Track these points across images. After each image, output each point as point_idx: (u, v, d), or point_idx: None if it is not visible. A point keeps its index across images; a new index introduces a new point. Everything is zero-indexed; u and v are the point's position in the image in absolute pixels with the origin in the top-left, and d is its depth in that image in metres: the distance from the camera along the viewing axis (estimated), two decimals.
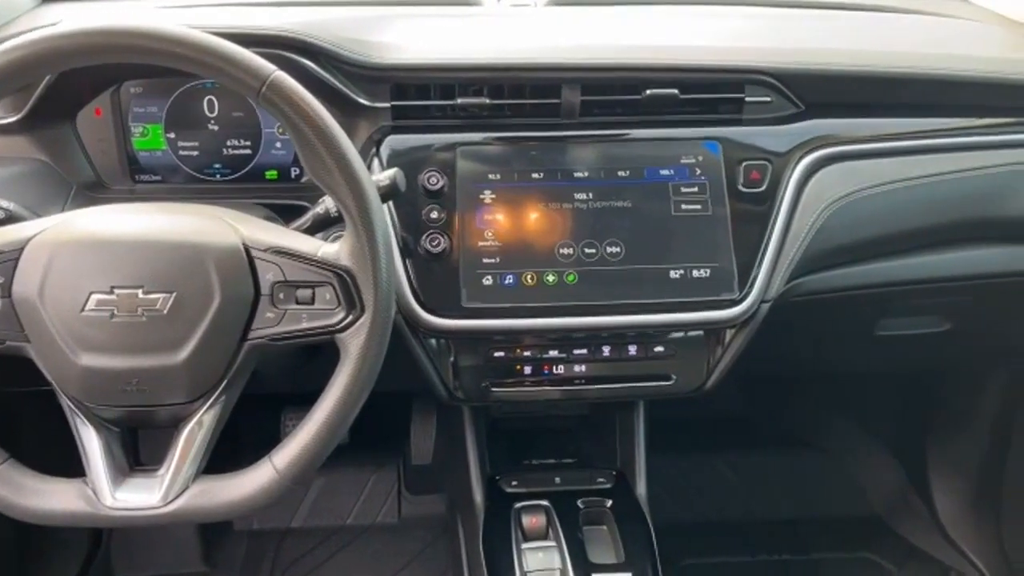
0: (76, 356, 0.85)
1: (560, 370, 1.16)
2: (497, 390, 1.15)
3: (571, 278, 1.10)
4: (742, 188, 1.15)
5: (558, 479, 1.30)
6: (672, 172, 1.15)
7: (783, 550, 1.90)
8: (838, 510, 2.00)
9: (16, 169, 1.13)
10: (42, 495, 0.89)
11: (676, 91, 1.16)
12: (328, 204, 1.01)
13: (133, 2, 1.38)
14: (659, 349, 1.16)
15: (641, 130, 1.17)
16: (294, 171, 1.23)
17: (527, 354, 1.15)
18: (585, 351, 1.15)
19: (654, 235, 1.12)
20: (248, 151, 1.22)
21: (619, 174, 1.14)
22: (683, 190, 1.14)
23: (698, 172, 1.15)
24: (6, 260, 0.86)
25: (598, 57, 1.18)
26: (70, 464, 0.91)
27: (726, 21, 1.41)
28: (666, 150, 1.16)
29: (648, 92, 1.16)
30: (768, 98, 1.20)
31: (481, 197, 1.12)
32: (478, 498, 1.29)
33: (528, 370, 1.15)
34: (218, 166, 1.22)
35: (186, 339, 0.86)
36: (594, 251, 1.11)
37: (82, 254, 0.85)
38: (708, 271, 1.12)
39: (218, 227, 0.89)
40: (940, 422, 1.92)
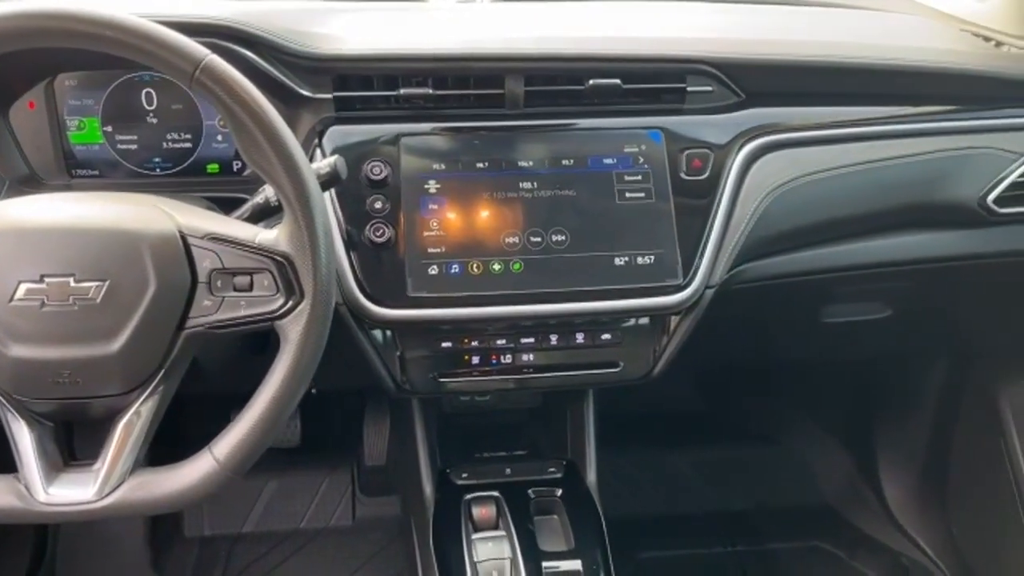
0: (5, 347, 0.83)
1: (508, 359, 1.16)
2: (446, 380, 1.15)
3: (517, 267, 1.10)
4: (685, 176, 1.16)
5: (508, 470, 1.30)
6: (615, 161, 1.15)
7: (737, 541, 1.92)
8: (790, 500, 2.02)
9: None
10: None
11: (619, 81, 1.17)
12: (268, 193, 1.00)
13: None
14: (606, 337, 1.17)
15: (585, 120, 1.18)
16: (236, 164, 1.22)
17: (475, 344, 1.14)
18: (533, 340, 1.15)
19: (599, 223, 1.13)
20: (189, 144, 1.20)
21: (563, 163, 1.15)
22: (627, 179, 1.15)
23: (641, 161, 1.16)
24: None
25: (541, 48, 1.18)
26: (2, 460, 0.88)
27: (668, 15, 1.43)
28: (609, 140, 1.17)
29: (591, 82, 1.17)
30: (709, 88, 1.21)
31: (426, 187, 1.11)
32: (428, 490, 1.28)
33: (476, 360, 1.15)
34: (158, 160, 1.20)
35: (120, 328, 0.84)
36: (540, 239, 1.11)
37: (10, 242, 0.83)
38: (652, 258, 1.13)
39: (153, 214, 0.88)
40: (887, 411, 1.96)
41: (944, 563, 1.83)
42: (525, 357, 1.16)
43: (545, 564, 1.14)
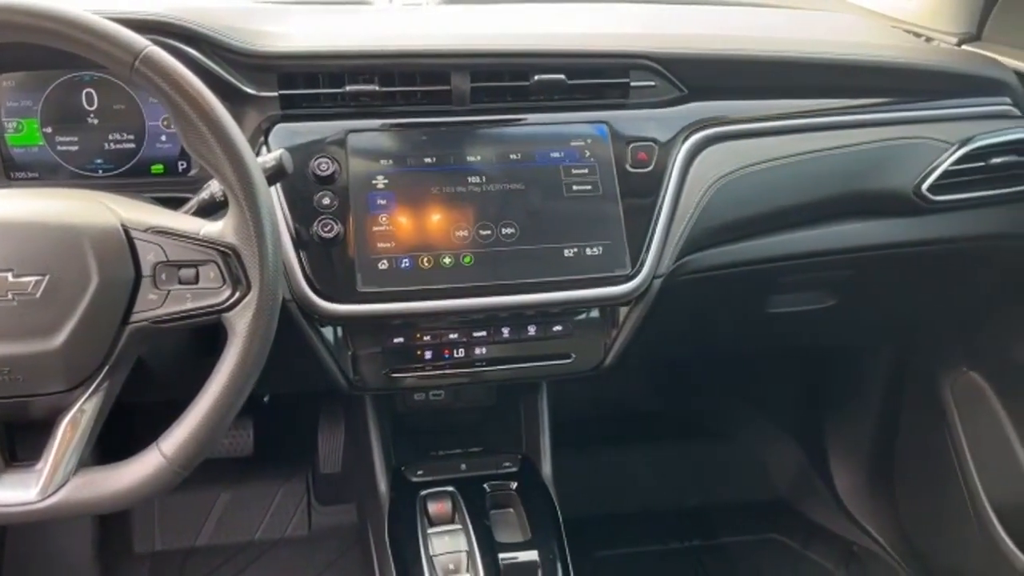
0: None
1: (461, 353, 1.16)
2: (399, 376, 1.15)
3: (467, 260, 1.11)
4: (630, 169, 1.18)
5: (464, 466, 1.29)
6: (562, 155, 1.17)
7: (693, 537, 1.93)
8: (744, 494, 2.05)
9: None
10: None
11: (563, 77, 1.19)
12: (213, 189, 0.99)
13: None
14: (558, 328, 1.18)
15: (531, 115, 1.19)
16: (181, 164, 1.20)
17: (427, 339, 1.14)
18: (485, 333, 1.16)
19: (547, 216, 1.14)
20: (132, 145, 1.19)
21: (511, 157, 1.16)
22: (574, 172, 1.16)
23: (587, 155, 1.17)
24: None
25: (486, 44, 1.20)
26: None
27: (612, 14, 1.46)
28: (556, 134, 1.18)
29: (536, 78, 1.18)
30: (652, 83, 1.23)
31: (374, 183, 1.11)
32: (383, 488, 1.27)
33: (429, 355, 1.15)
34: (100, 161, 1.18)
35: (62, 323, 0.82)
36: (489, 232, 1.12)
37: None
38: (601, 249, 1.14)
39: (94, 208, 0.86)
40: (835, 403, 2.00)
41: (894, 549, 1.87)
42: (478, 351, 1.16)
43: (502, 556, 1.14)
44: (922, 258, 1.41)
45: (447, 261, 1.10)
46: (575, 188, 1.16)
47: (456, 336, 1.15)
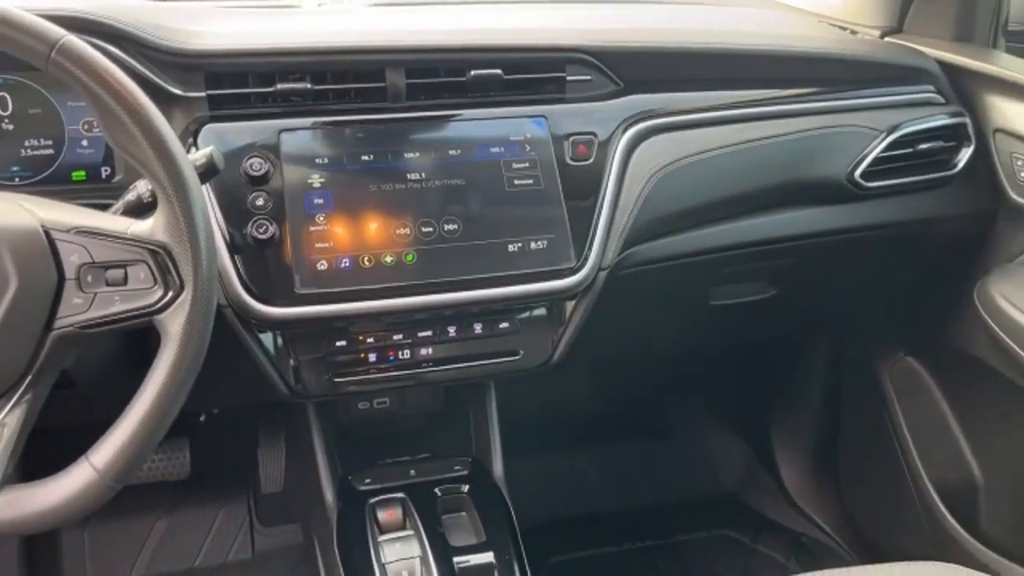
0: None
1: (406, 355, 1.13)
2: (342, 381, 1.11)
3: (410, 258, 1.08)
4: (571, 162, 1.18)
5: (413, 472, 1.26)
6: (502, 149, 1.15)
7: (646, 537, 1.93)
8: (693, 492, 2.05)
9: None
10: None
11: (500, 72, 1.18)
12: (140, 190, 0.94)
13: None
14: (504, 325, 1.16)
15: (469, 111, 1.17)
16: (105, 170, 1.15)
17: (371, 341, 1.11)
18: (430, 333, 1.13)
19: (490, 211, 1.12)
20: (50, 151, 1.13)
21: (450, 153, 1.14)
22: (514, 166, 1.15)
23: (528, 149, 1.16)
24: None
25: (420, 40, 1.18)
26: None
27: (546, 11, 1.46)
28: (495, 129, 1.17)
29: (472, 73, 1.17)
30: (588, 76, 1.23)
31: (309, 182, 1.08)
32: (329, 498, 1.23)
33: (373, 357, 1.12)
34: (16, 169, 1.12)
35: None
36: (431, 229, 1.10)
37: None
38: (545, 243, 1.13)
39: (11, 209, 0.81)
40: (778, 395, 2.03)
41: (842, 538, 1.90)
42: (423, 351, 1.13)
43: (457, 559, 1.11)
44: (857, 244, 1.44)
45: (389, 260, 1.07)
46: (516, 182, 1.14)
47: (400, 337, 1.12)
